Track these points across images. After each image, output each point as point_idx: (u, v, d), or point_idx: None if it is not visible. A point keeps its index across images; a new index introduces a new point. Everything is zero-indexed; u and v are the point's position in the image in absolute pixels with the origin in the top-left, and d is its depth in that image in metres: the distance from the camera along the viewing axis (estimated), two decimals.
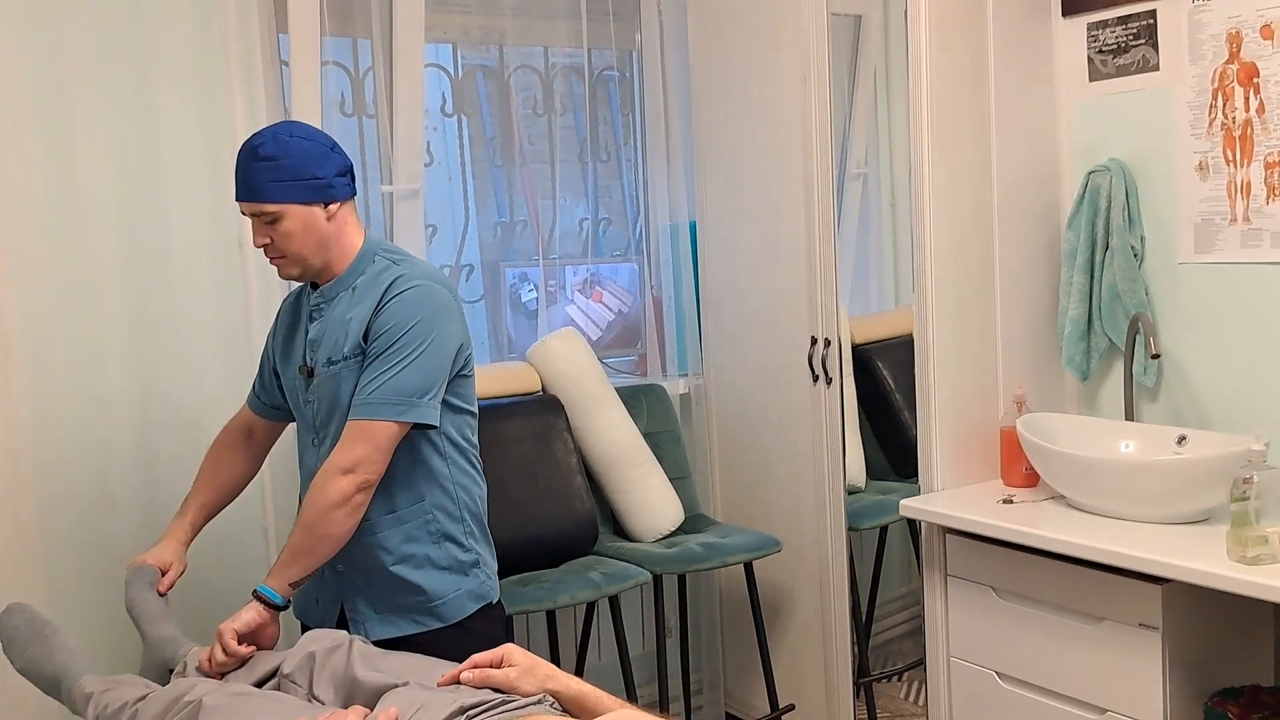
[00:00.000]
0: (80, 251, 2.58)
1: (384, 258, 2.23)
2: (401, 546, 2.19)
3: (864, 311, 3.38)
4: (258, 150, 2.10)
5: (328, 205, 2.16)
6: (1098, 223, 2.70)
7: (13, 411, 2.49)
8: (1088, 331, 2.77)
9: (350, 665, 1.89)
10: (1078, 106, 2.83)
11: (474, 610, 2.23)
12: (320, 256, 2.18)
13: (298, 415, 2.32)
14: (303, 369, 2.23)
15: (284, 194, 2.11)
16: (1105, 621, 2.31)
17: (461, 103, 3.28)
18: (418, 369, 2.10)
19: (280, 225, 2.12)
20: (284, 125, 2.16)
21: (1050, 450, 2.51)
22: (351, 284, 2.20)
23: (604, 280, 3.54)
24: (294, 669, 1.95)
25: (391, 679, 1.82)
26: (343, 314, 2.18)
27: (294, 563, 2.09)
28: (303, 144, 2.13)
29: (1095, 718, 2.34)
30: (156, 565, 2.31)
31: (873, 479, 3.27)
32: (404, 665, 1.91)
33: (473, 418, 2.29)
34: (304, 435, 2.29)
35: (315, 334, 2.21)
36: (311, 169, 2.13)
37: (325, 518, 2.06)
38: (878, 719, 3.17)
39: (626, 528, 3.17)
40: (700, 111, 3.41)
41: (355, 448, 2.07)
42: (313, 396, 2.23)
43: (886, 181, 3.32)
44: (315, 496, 2.08)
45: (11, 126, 2.49)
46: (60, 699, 2.15)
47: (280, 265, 2.18)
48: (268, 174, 2.09)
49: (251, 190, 2.11)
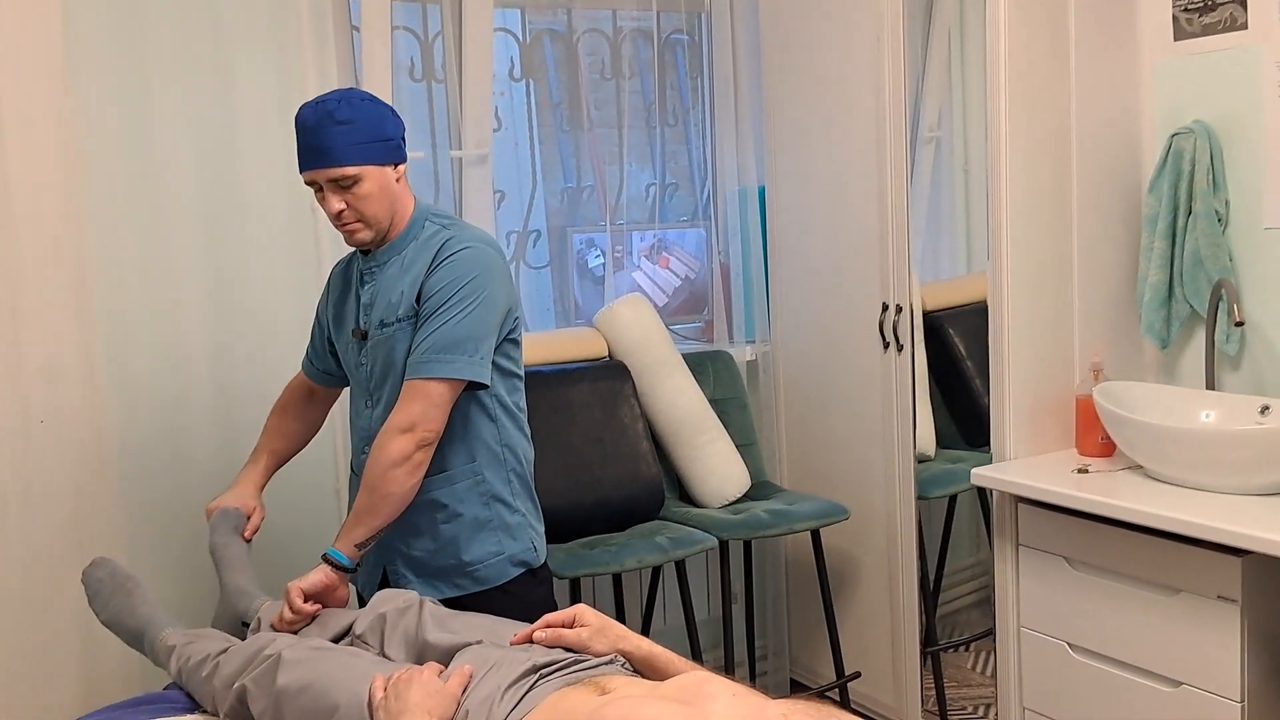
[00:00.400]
0: (158, 218, 2.63)
1: (434, 222, 2.24)
2: (451, 506, 2.21)
3: (935, 278, 3.33)
4: (334, 114, 2.09)
5: (397, 165, 2.18)
6: (1180, 187, 2.64)
7: (95, 378, 2.55)
8: (1168, 298, 2.71)
9: (422, 627, 1.91)
10: (1161, 67, 2.76)
11: (515, 575, 2.25)
12: (389, 219, 2.19)
13: (351, 378, 2.33)
14: (356, 332, 2.25)
15: (363, 155, 2.11)
16: (1182, 594, 2.27)
17: (529, 67, 3.27)
18: (468, 326, 2.12)
19: (359, 188, 2.12)
20: (342, 91, 2.16)
21: (1128, 419, 2.46)
22: (403, 249, 2.22)
23: (671, 246, 3.53)
24: (365, 629, 1.97)
25: (464, 639, 1.84)
26: (395, 278, 2.20)
27: (359, 524, 2.11)
28: (372, 105, 2.15)
29: (1170, 690, 2.31)
30: (239, 508, 2.34)
31: (942, 447, 3.24)
32: (474, 625, 1.92)
33: (520, 381, 2.30)
34: (357, 398, 2.31)
35: (368, 298, 2.23)
36: (384, 129, 2.14)
37: (387, 477, 2.08)
38: (945, 688, 3.15)
39: (692, 494, 3.17)
40: (770, 74, 3.37)
41: (412, 406, 2.09)
42: (366, 359, 2.24)
43: (960, 145, 3.27)
44: (376, 457, 2.10)
45: (94, 96, 2.54)
46: (143, 650, 2.20)
47: (355, 230, 2.17)
48: (345, 136, 2.09)
49: (329, 155, 2.10)
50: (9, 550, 2.45)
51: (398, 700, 1.62)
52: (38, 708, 2.46)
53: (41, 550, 2.49)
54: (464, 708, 1.63)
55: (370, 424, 2.24)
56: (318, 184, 2.14)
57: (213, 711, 1.99)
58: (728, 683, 1.54)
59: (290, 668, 1.81)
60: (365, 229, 2.17)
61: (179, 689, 2.10)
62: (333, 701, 1.72)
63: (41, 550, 2.49)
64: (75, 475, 2.52)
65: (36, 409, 2.47)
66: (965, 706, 3.15)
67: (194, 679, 2.02)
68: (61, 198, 2.48)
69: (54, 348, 2.48)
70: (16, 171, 2.42)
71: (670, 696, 1.48)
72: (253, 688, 1.85)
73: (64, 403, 2.50)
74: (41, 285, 2.47)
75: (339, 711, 1.71)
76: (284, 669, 1.81)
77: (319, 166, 2.12)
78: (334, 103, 2.12)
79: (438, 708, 1.61)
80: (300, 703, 1.77)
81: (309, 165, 2.13)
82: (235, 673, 1.91)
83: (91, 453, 2.54)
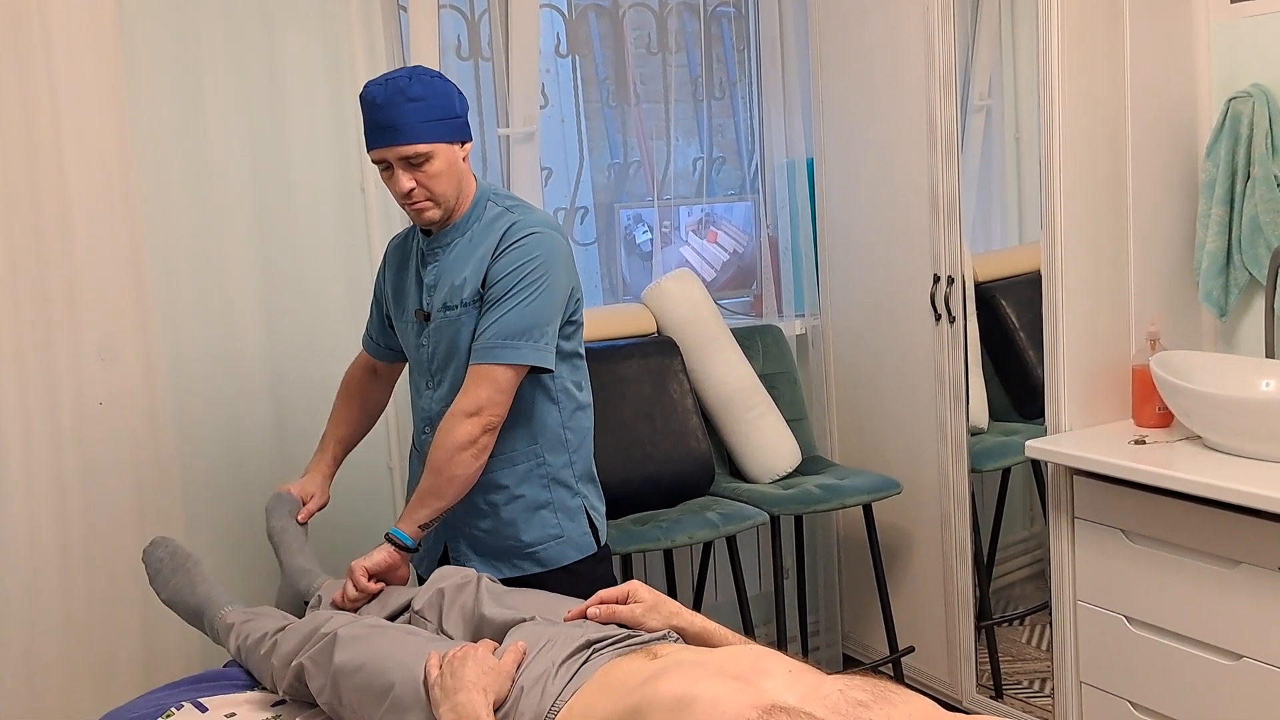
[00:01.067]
0: (211, 200, 2.66)
1: (497, 203, 2.24)
2: (512, 488, 2.22)
3: (986, 249, 3.29)
4: (405, 91, 2.08)
5: (464, 144, 2.18)
6: (1238, 152, 2.59)
7: (151, 360, 2.59)
8: (1226, 265, 2.66)
9: (479, 602, 1.92)
10: (1218, 29, 2.70)
11: (575, 560, 2.26)
12: (456, 197, 2.19)
13: (411, 358, 2.34)
14: (418, 314, 2.25)
15: (436, 133, 2.11)
16: (1242, 565, 2.24)
17: (575, 43, 3.26)
18: (533, 312, 2.12)
19: (429, 166, 2.12)
20: (410, 69, 2.15)
21: (1186, 389, 2.42)
22: (466, 229, 2.21)
23: (718, 220, 3.51)
24: (424, 605, 1.99)
25: (519, 614, 1.85)
26: (459, 259, 2.20)
27: (423, 505, 2.13)
28: (442, 82, 2.15)
29: (1230, 663, 2.28)
30: (298, 495, 2.37)
31: (995, 420, 3.20)
32: (530, 602, 1.94)
33: (582, 361, 2.30)
34: (417, 378, 2.32)
35: (431, 279, 2.23)
36: (453, 107, 2.15)
37: (453, 460, 2.09)
38: (1000, 663, 3.13)
39: (743, 469, 3.16)
40: (818, 44, 3.34)
41: (479, 391, 2.10)
42: (427, 341, 2.25)
43: (1011, 113, 3.22)
44: (442, 440, 2.11)
45: (147, 80, 2.57)
46: (202, 628, 2.23)
47: (424, 209, 2.16)
48: (419, 114, 2.08)
49: (403, 132, 2.08)
50: (70, 530, 2.50)
51: (453, 678, 1.63)
52: (101, 684, 2.51)
53: (102, 530, 2.53)
54: (518, 684, 1.65)
55: (431, 405, 2.25)
56: (387, 162, 2.13)
57: (271, 689, 2.02)
58: (784, 659, 1.54)
59: (347, 645, 1.83)
60: (435, 208, 2.17)
61: (239, 666, 2.13)
62: (389, 679, 1.74)
63: (102, 530, 2.53)
64: (134, 455, 2.56)
65: (95, 391, 2.51)
66: (1020, 681, 3.12)
67: (253, 657, 2.05)
68: (117, 182, 2.51)
69: (111, 330, 2.52)
70: (72, 156, 2.46)
71: (725, 671, 1.47)
72: (310, 666, 1.87)
73: (122, 384, 2.54)
74: (98, 269, 2.50)
75: (395, 689, 1.73)
76: (340, 647, 1.83)
77: (392, 144, 2.10)
78: (404, 79, 2.10)
79: (493, 685, 1.63)
80: (357, 680, 1.79)
81: (381, 143, 2.11)
82: (293, 651, 1.93)
83: (149, 433, 2.58)
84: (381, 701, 1.74)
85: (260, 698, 2.03)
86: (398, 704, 1.72)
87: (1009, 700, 3.04)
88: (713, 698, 1.37)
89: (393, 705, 1.72)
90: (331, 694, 1.83)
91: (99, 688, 2.50)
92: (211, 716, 1.97)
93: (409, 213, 2.20)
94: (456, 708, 1.59)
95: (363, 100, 2.14)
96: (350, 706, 1.80)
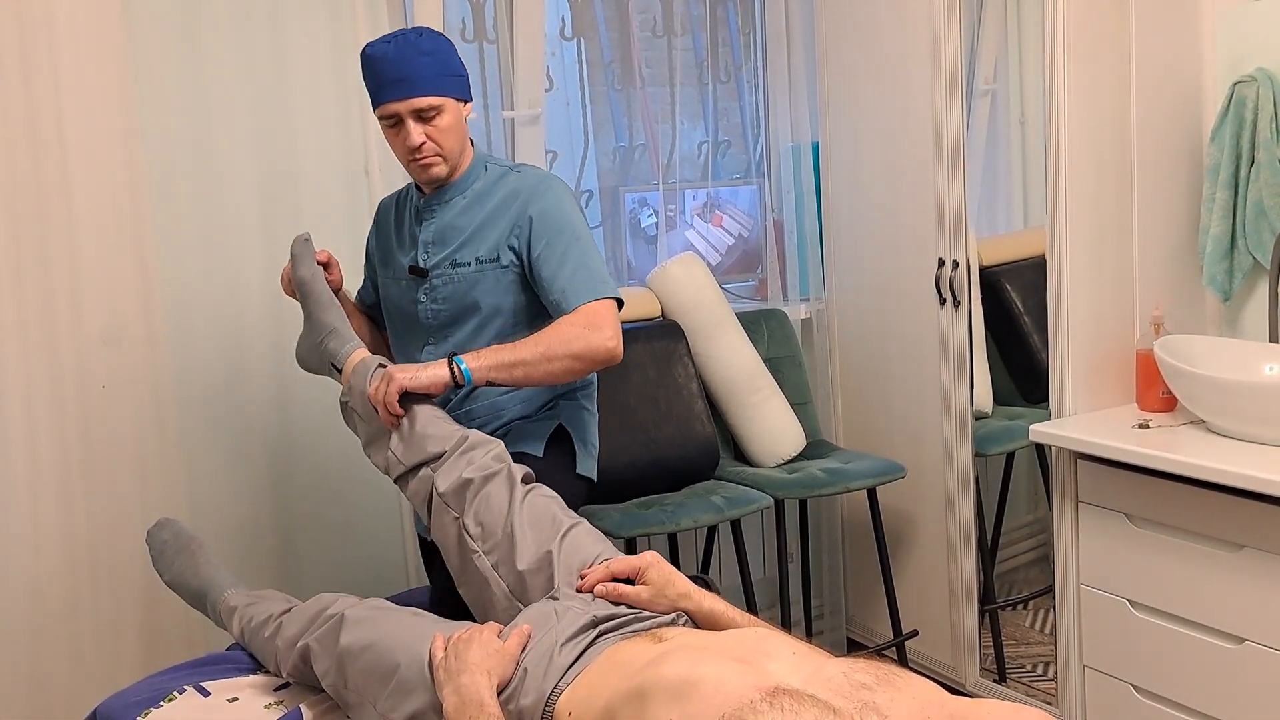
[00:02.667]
0: (215, 180, 2.66)
1: (496, 164, 2.27)
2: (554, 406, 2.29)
3: (991, 233, 3.29)
4: (418, 45, 2.10)
5: (466, 103, 2.21)
6: (1243, 136, 2.58)
7: (155, 342, 2.59)
8: (1231, 250, 2.66)
9: (511, 514, 1.94)
10: (1223, 13, 2.69)
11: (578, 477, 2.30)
12: (460, 154, 2.22)
13: (398, 318, 2.33)
14: (413, 269, 2.25)
15: (446, 87, 2.14)
16: (1245, 549, 2.24)
17: (580, 26, 3.26)
18: (596, 254, 2.18)
19: (440, 120, 2.14)
20: (416, 27, 2.17)
21: (1190, 373, 2.42)
22: (466, 188, 2.23)
23: (724, 204, 3.51)
24: (448, 489, 1.98)
25: (533, 555, 1.88)
26: (464, 217, 2.21)
27: (506, 369, 2.07)
28: (447, 42, 2.18)
29: (1233, 647, 2.28)
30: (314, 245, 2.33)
31: (999, 404, 3.20)
32: (544, 514, 1.96)
33: None
34: (413, 338, 2.30)
35: (429, 235, 2.24)
36: (459, 65, 2.18)
37: (566, 352, 2.07)
38: (1003, 646, 3.13)
39: (747, 453, 3.17)
40: (824, 28, 3.32)
41: (598, 319, 2.10)
42: (425, 297, 2.25)
43: (1016, 97, 3.21)
44: (579, 334, 2.08)
45: (150, 58, 2.56)
46: (205, 611, 2.24)
47: (432, 164, 2.18)
48: (431, 67, 2.11)
49: (418, 84, 2.10)
50: (73, 512, 2.50)
51: (457, 660, 1.64)
52: (103, 668, 2.52)
53: (104, 511, 2.54)
54: (522, 666, 1.65)
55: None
56: (397, 116, 2.13)
57: (275, 672, 2.03)
58: (788, 639, 1.55)
59: (352, 628, 1.83)
60: (442, 163, 2.18)
61: (242, 650, 2.13)
62: (394, 661, 1.75)
63: (104, 511, 2.54)
64: (137, 438, 2.57)
65: (98, 373, 2.51)
66: (1024, 664, 3.13)
67: (256, 639, 2.06)
68: (121, 165, 2.51)
69: (115, 312, 2.52)
70: (77, 139, 2.45)
71: (729, 653, 1.48)
72: (316, 647, 1.88)
73: (125, 366, 2.54)
74: (102, 250, 2.50)
75: (400, 670, 1.73)
76: (346, 629, 1.84)
77: (407, 96, 2.11)
78: (414, 35, 2.12)
79: (497, 667, 1.63)
80: (362, 662, 1.80)
81: (394, 95, 2.11)
82: (298, 633, 1.94)
83: (152, 415, 2.59)
84: (387, 683, 1.75)
85: (264, 681, 2.04)
86: (403, 685, 1.73)
87: (1012, 684, 3.05)
88: (716, 680, 1.37)
89: (398, 687, 1.73)
90: (337, 676, 1.84)
91: (101, 670, 2.51)
92: (214, 700, 1.97)
93: (413, 169, 2.21)
94: (460, 689, 1.60)
95: (370, 57, 2.14)
96: (355, 689, 1.81)
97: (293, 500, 2.79)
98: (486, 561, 1.94)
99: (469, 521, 1.95)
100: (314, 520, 2.81)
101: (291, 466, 2.78)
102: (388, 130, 2.18)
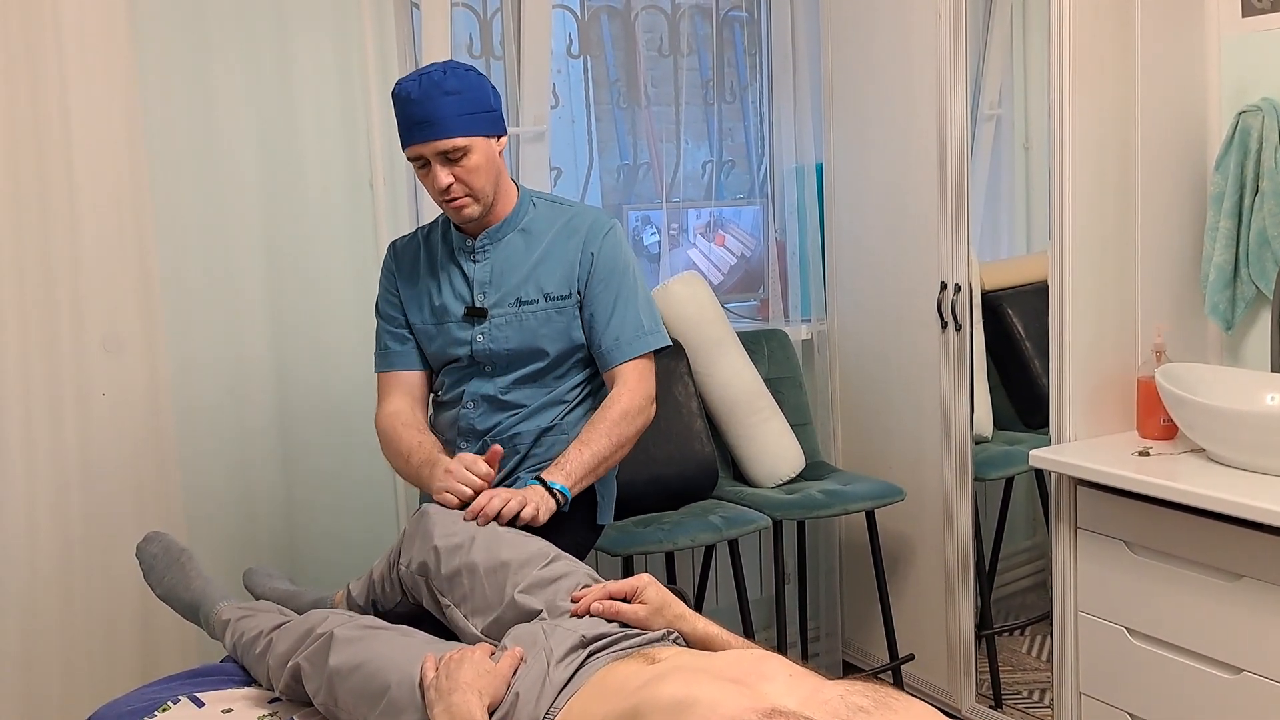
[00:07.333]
0: (219, 193, 2.67)
1: (542, 199, 2.27)
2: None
3: (994, 257, 3.29)
4: (441, 85, 2.07)
5: (500, 138, 2.17)
6: (1247, 165, 2.59)
7: (155, 352, 2.59)
8: (1234, 279, 2.66)
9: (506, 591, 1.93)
10: (1229, 42, 2.70)
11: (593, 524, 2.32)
12: (494, 192, 2.18)
13: (442, 358, 2.28)
14: (471, 310, 2.22)
15: (473, 127, 2.10)
16: (1244, 579, 2.23)
17: (587, 44, 3.27)
18: (647, 298, 2.23)
19: (468, 160, 2.10)
20: (445, 63, 2.14)
21: (1190, 401, 2.42)
22: (518, 225, 2.22)
23: (727, 223, 3.51)
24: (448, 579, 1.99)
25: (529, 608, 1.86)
26: (523, 254, 2.20)
27: (592, 473, 2.14)
28: (476, 76, 2.13)
29: (1230, 677, 2.27)
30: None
31: (999, 429, 3.20)
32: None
33: None
34: (462, 377, 2.26)
35: (483, 274, 2.22)
36: (488, 100, 2.14)
37: (631, 435, 2.17)
38: (1000, 672, 3.12)
39: (746, 473, 3.16)
40: (830, 51, 3.33)
41: (645, 384, 2.20)
42: (482, 335, 2.22)
43: (1021, 122, 3.21)
44: (631, 414, 2.16)
45: (158, 73, 2.57)
46: (198, 624, 2.23)
47: (463, 205, 2.15)
48: (455, 107, 2.07)
49: (440, 126, 2.07)
50: (70, 520, 2.50)
51: (449, 679, 1.63)
52: (98, 678, 2.51)
53: (102, 520, 2.53)
54: (514, 689, 1.64)
55: (486, 386, 2.24)
56: (424, 159, 2.11)
57: (267, 687, 2.01)
58: (785, 662, 1.54)
59: (342, 647, 1.82)
60: (474, 203, 2.15)
61: (235, 662, 2.13)
62: (384, 681, 1.74)
63: (102, 520, 2.53)
64: (135, 448, 2.56)
65: (98, 382, 2.51)
66: (1020, 691, 3.12)
67: (248, 655, 2.05)
68: (126, 174, 2.52)
69: (116, 321, 2.52)
70: (81, 147, 2.46)
71: (725, 675, 1.47)
72: (307, 666, 1.86)
73: (125, 376, 2.54)
74: (104, 259, 2.50)
75: (390, 691, 1.72)
76: (336, 648, 1.82)
77: (430, 139, 2.08)
78: (439, 74, 2.08)
79: (489, 687, 1.62)
80: (352, 682, 1.78)
81: (418, 139, 2.09)
82: (288, 651, 1.93)
83: (151, 425, 2.58)
84: (377, 703, 1.74)
85: (257, 694, 2.03)
86: (393, 706, 1.72)
87: (1008, 710, 3.04)
88: (712, 701, 1.36)
89: (388, 707, 1.72)
90: (327, 695, 1.83)
91: (96, 680, 2.50)
92: (208, 711, 1.96)
93: (447, 210, 2.18)
94: (451, 709, 1.59)
95: (396, 97, 2.12)
96: (346, 708, 1.80)
97: (291, 510, 2.79)
98: (459, 613, 1.95)
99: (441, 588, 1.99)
100: (312, 530, 2.80)
101: (290, 476, 2.78)
102: (418, 170, 2.15)
